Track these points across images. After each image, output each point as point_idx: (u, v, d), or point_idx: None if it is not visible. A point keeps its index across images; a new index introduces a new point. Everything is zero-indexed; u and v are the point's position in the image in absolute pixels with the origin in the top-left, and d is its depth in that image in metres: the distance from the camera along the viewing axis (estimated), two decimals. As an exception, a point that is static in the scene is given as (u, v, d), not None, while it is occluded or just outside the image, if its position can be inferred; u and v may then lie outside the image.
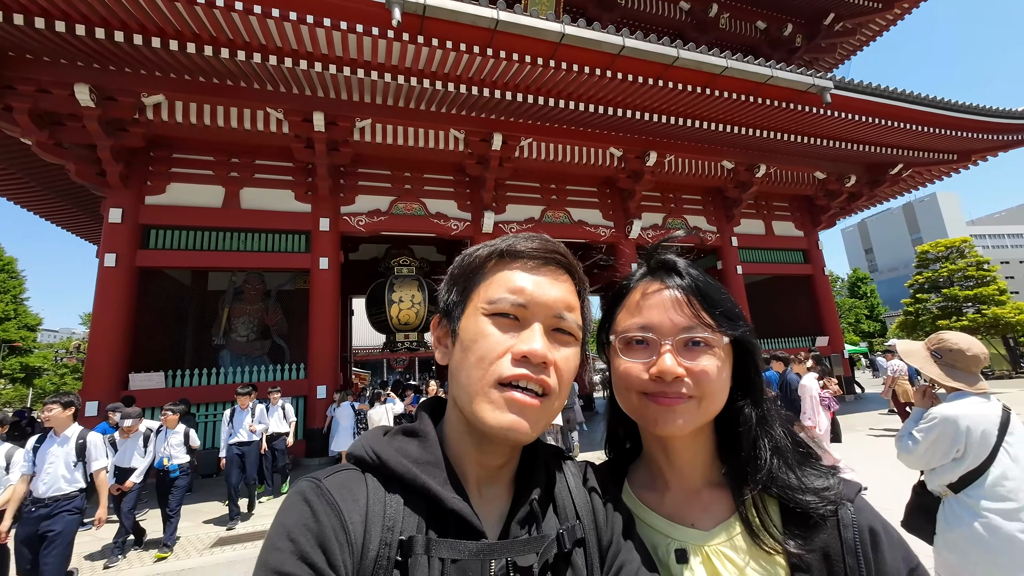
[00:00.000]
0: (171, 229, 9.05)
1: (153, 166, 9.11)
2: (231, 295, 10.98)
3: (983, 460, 1.85)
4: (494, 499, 0.61)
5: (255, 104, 8.61)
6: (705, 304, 0.65)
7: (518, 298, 0.58)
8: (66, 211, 12.30)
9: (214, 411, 8.86)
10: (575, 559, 0.59)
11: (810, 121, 10.05)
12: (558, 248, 0.63)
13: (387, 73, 7.74)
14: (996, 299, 21.93)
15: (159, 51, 6.93)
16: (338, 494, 0.53)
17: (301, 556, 0.48)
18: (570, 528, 0.60)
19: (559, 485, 0.65)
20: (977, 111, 10.98)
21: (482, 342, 0.57)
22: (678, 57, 7.99)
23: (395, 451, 0.58)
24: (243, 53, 7.04)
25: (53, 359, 30.30)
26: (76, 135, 7.94)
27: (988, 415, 1.91)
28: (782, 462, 0.65)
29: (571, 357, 0.60)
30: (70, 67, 7.39)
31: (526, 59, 7.50)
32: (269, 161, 9.81)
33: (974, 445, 1.86)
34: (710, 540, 0.64)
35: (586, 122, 9.91)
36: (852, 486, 0.63)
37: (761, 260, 13.97)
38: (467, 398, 0.57)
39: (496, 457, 0.60)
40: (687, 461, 0.69)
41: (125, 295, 8.33)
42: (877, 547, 0.58)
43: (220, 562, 4.68)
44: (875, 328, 38.78)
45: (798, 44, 14.89)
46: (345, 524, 0.51)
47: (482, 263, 0.63)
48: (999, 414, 1.91)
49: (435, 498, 0.55)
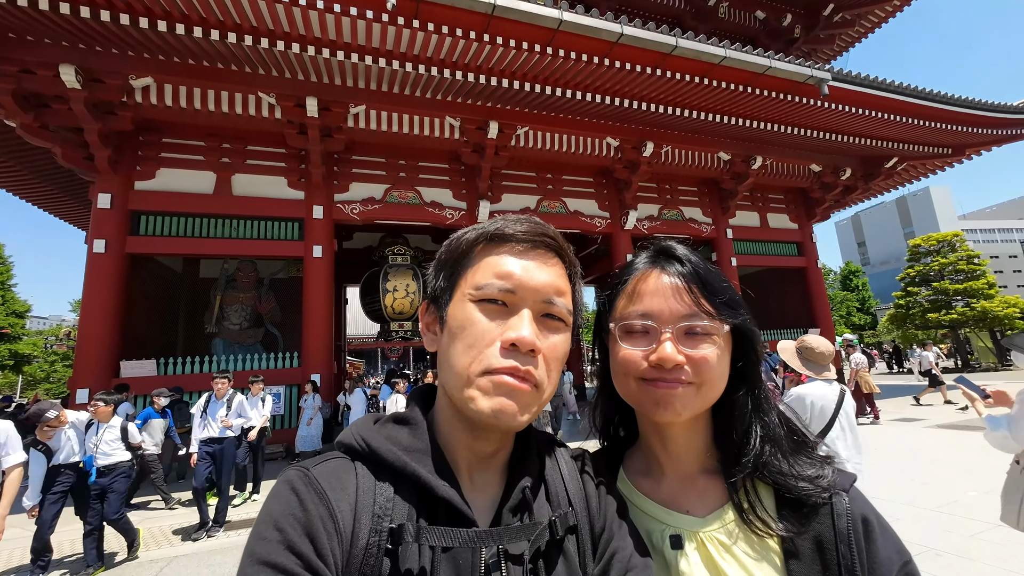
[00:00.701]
0: (161, 215, 8.92)
1: (142, 150, 8.94)
2: (223, 283, 10.88)
3: (823, 428, 2.58)
4: (486, 486, 0.60)
5: (246, 88, 8.44)
6: (706, 292, 0.64)
7: (506, 283, 0.57)
8: (53, 196, 12.07)
9: (207, 399, 8.85)
10: (567, 546, 0.58)
11: (807, 113, 10.03)
12: (547, 231, 0.61)
13: (382, 58, 7.60)
14: (985, 293, 22.23)
15: (147, 32, 6.76)
16: (326, 483, 0.52)
17: (289, 546, 0.47)
18: (562, 515, 0.59)
19: (552, 472, 0.65)
20: (972, 105, 11.01)
21: (470, 329, 0.56)
22: (676, 46, 7.92)
23: (385, 439, 0.57)
24: (234, 35, 6.88)
25: (43, 346, 29.99)
26: (62, 118, 7.75)
27: (827, 395, 2.66)
28: (775, 448, 0.65)
29: (561, 343, 0.59)
30: (55, 47, 7.19)
31: (523, 45, 7.40)
32: (261, 147, 9.66)
33: (815, 417, 2.61)
34: (704, 526, 0.65)
35: (583, 111, 9.83)
36: (847, 476, 0.64)
37: (755, 252, 14.03)
38: (456, 386, 0.56)
39: (487, 444, 0.59)
40: (683, 448, 0.69)
41: (115, 282, 8.23)
42: (870, 537, 0.58)
43: (214, 548, 4.70)
44: (866, 321, 39.25)
45: (797, 35, 14.80)
46: (333, 513, 0.50)
47: (469, 247, 0.61)
48: (837, 395, 2.66)
49: (425, 486, 0.54)
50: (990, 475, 5.24)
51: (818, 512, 0.60)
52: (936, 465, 5.84)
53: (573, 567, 0.57)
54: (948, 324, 22.66)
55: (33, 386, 31.59)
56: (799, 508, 0.61)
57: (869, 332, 37.25)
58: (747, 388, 0.68)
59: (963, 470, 5.53)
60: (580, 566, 0.58)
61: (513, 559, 0.54)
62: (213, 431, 5.36)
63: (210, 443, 5.33)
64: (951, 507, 4.35)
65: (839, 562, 0.57)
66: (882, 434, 8.13)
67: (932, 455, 6.35)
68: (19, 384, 30.27)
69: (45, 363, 30.62)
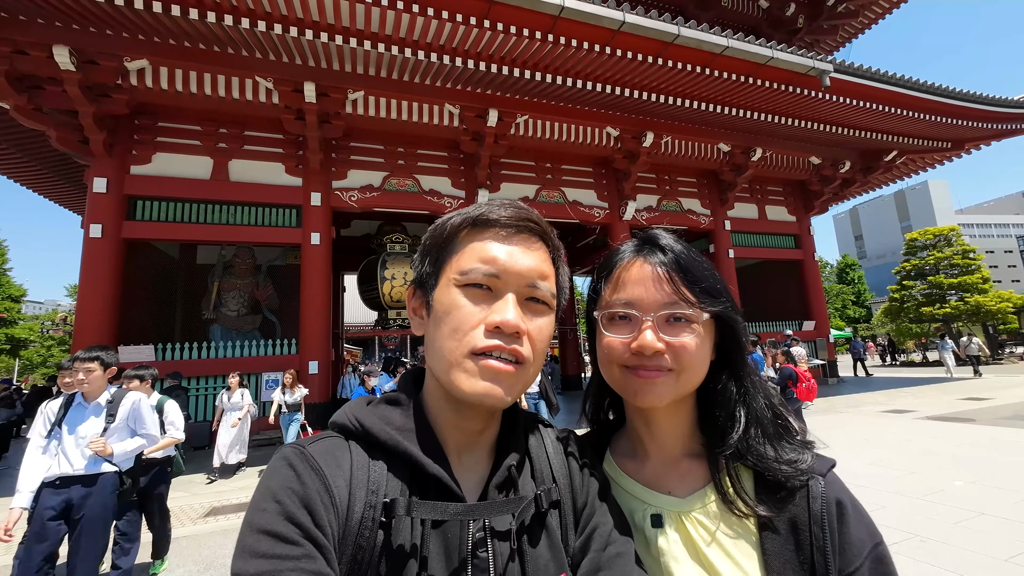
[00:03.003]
0: (158, 200, 8.85)
1: (138, 134, 8.84)
2: (221, 269, 10.86)
3: None
4: (474, 464, 0.63)
5: (243, 72, 8.34)
6: (686, 280, 0.66)
7: (490, 268, 0.58)
8: (49, 180, 11.96)
9: (205, 385, 8.88)
10: (550, 520, 0.61)
11: (808, 105, 9.98)
12: (531, 215, 0.62)
13: (381, 43, 7.51)
14: (979, 287, 22.38)
15: (142, 13, 6.64)
16: (322, 459, 0.54)
17: (288, 516, 0.48)
18: (547, 490, 0.62)
19: (536, 450, 0.67)
20: (973, 99, 10.97)
21: (455, 314, 0.58)
22: (678, 35, 7.85)
23: (378, 419, 0.59)
24: (231, 18, 6.77)
25: (39, 331, 29.94)
26: (56, 100, 7.65)
27: None
28: (759, 432, 0.67)
29: (545, 326, 0.61)
30: (48, 27, 7.06)
31: (524, 32, 7.32)
32: (258, 133, 9.57)
33: None
34: (685, 507, 0.67)
35: (583, 100, 9.75)
36: (825, 461, 0.66)
37: (753, 244, 14.06)
38: (443, 368, 0.58)
39: (474, 423, 0.62)
40: (667, 431, 0.72)
41: (112, 267, 8.20)
42: (843, 519, 0.60)
43: (215, 530, 4.77)
44: (861, 314, 39.50)
45: (800, 25, 14.65)
46: (329, 487, 0.52)
47: (454, 232, 0.63)
48: None
49: (417, 463, 0.56)
50: (977, 466, 5.34)
51: (795, 495, 0.62)
52: (925, 455, 5.94)
53: (555, 541, 0.60)
54: (941, 318, 22.85)
55: (31, 370, 31.64)
56: (777, 490, 0.63)
57: (863, 325, 37.48)
58: (731, 373, 0.70)
59: (951, 460, 5.63)
60: (562, 540, 0.61)
61: (500, 535, 0.57)
62: (72, 462, 2.92)
63: (59, 488, 2.88)
64: (938, 496, 4.44)
65: (812, 543, 0.59)
66: (873, 425, 8.25)
67: (922, 445, 6.44)
68: (16, 368, 30.28)
69: (42, 347, 30.62)
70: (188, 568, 3.93)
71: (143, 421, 3.33)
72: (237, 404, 7.20)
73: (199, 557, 4.13)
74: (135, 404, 3.29)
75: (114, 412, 3.18)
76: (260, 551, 0.46)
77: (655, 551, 0.66)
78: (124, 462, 3.20)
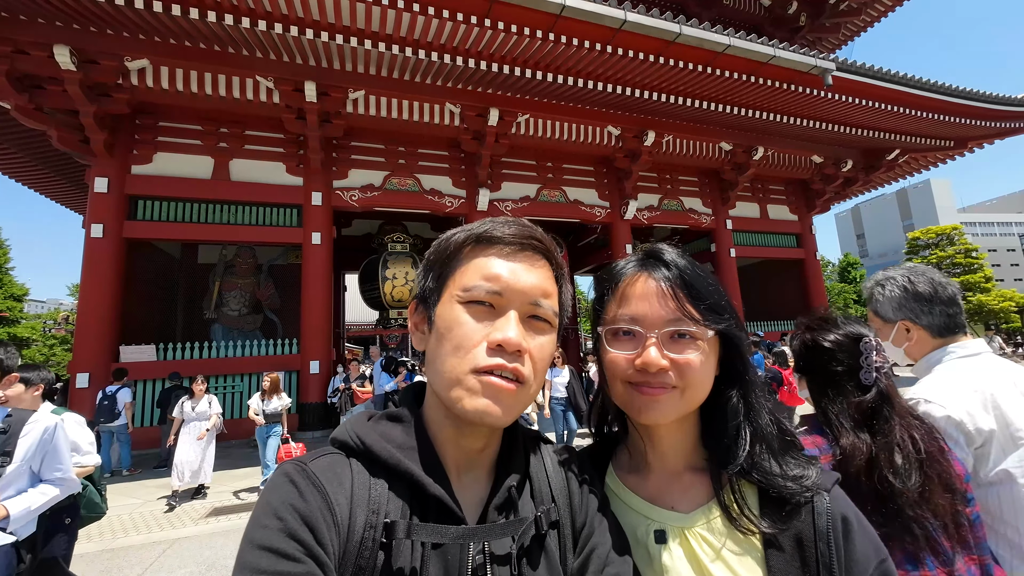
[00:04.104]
0: (159, 200, 8.86)
1: (139, 134, 8.85)
2: (222, 268, 10.87)
3: None
4: (474, 484, 0.62)
5: (244, 72, 8.33)
6: (691, 297, 0.65)
7: (493, 285, 0.58)
8: (50, 180, 11.97)
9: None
10: (548, 542, 0.61)
11: (810, 103, 9.94)
12: (535, 233, 0.62)
13: (381, 42, 7.49)
14: (981, 286, 22.34)
15: (143, 12, 6.63)
16: (323, 476, 0.54)
17: (289, 533, 0.48)
18: (546, 511, 0.62)
19: (536, 468, 0.66)
20: (976, 97, 10.91)
21: (457, 331, 0.58)
22: (680, 33, 7.81)
23: (379, 436, 0.59)
24: (231, 17, 6.76)
25: (41, 330, 30.02)
26: (57, 100, 7.66)
27: None
28: (764, 448, 0.66)
29: (547, 344, 0.61)
30: (48, 27, 7.06)
31: (525, 31, 7.29)
32: (259, 132, 9.56)
33: None
34: (689, 522, 0.66)
35: (584, 99, 9.72)
36: (829, 476, 0.65)
37: (755, 243, 14.01)
38: (444, 385, 0.57)
39: (475, 440, 0.61)
40: (670, 447, 0.71)
41: (113, 266, 8.21)
42: (848, 536, 0.60)
43: (216, 531, 4.78)
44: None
45: (802, 23, 14.57)
46: (331, 505, 0.52)
47: (458, 248, 0.62)
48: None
49: (418, 483, 0.56)
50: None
51: (800, 511, 0.61)
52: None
53: (554, 563, 0.60)
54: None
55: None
56: (782, 506, 0.62)
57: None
58: (736, 390, 0.69)
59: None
60: (560, 561, 0.61)
61: (499, 560, 0.56)
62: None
63: None
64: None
65: (818, 559, 0.58)
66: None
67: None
68: (18, 367, 30.34)
69: (44, 347, 30.67)
70: (190, 569, 3.94)
71: (59, 459, 2.10)
72: (204, 413, 6.07)
73: (201, 558, 4.14)
74: (46, 435, 2.05)
75: (9, 449, 1.95)
76: (261, 568, 0.46)
77: (658, 567, 0.65)
78: (24, 527, 1.97)
